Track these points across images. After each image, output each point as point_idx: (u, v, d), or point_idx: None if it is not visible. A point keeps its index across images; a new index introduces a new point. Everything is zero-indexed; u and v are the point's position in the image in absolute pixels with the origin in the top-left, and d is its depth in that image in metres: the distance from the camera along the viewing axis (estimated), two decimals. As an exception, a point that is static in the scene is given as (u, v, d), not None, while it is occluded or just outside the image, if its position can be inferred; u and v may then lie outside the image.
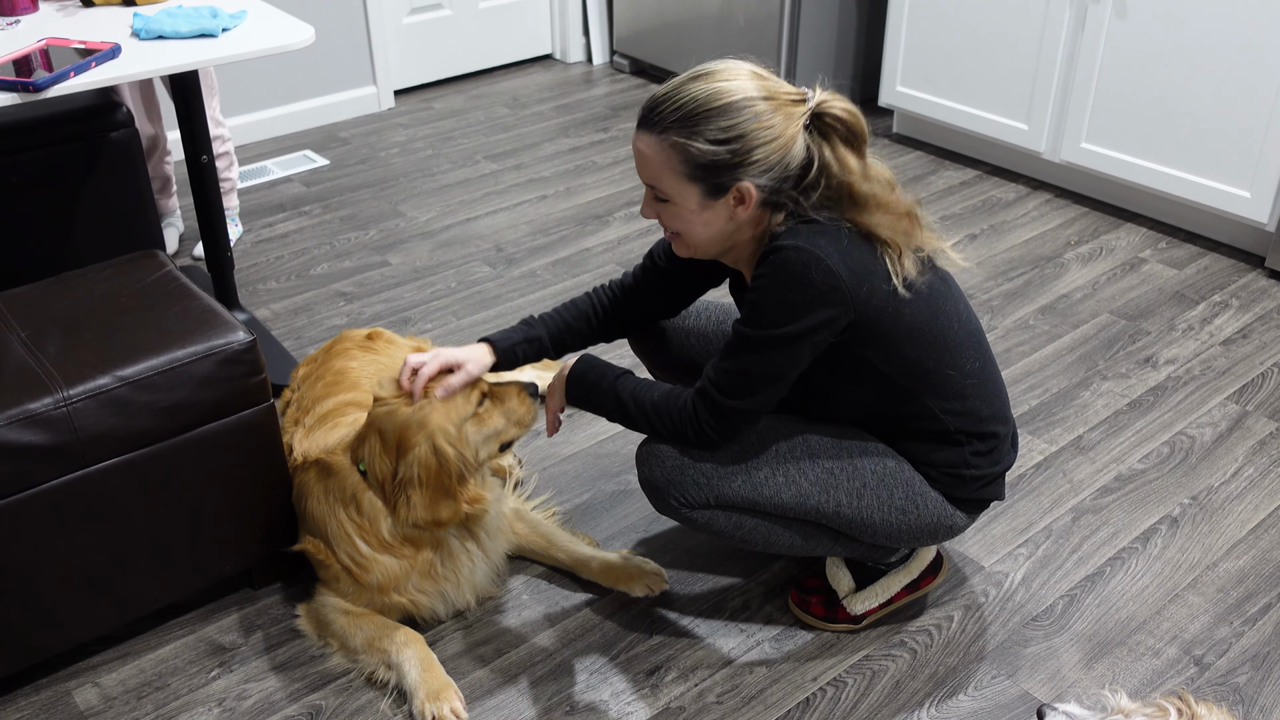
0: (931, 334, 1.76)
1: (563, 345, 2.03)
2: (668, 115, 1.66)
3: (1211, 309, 3.09)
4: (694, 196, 1.70)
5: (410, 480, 1.86)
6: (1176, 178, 3.35)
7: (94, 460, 1.83)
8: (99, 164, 2.65)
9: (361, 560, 1.95)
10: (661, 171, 1.69)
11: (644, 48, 4.82)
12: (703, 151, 1.65)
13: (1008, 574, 2.20)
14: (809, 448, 1.84)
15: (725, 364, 1.74)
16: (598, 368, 1.89)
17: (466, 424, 1.89)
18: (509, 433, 1.96)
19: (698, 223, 1.73)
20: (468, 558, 2.01)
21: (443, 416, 1.86)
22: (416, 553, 1.96)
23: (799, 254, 1.65)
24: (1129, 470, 2.48)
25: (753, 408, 1.75)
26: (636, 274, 2.06)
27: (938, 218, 3.59)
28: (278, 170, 4.05)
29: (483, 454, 1.93)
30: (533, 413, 1.98)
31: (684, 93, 1.66)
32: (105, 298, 2.04)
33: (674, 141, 1.66)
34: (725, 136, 1.64)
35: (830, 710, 1.91)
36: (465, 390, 1.90)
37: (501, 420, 1.94)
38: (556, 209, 3.73)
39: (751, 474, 1.82)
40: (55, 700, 1.94)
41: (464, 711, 1.88)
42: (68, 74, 2.06)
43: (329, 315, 3.11)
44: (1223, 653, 2.01)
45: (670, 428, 1.81)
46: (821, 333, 1.69)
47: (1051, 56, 3.52)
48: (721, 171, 1.66)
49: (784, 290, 1.66)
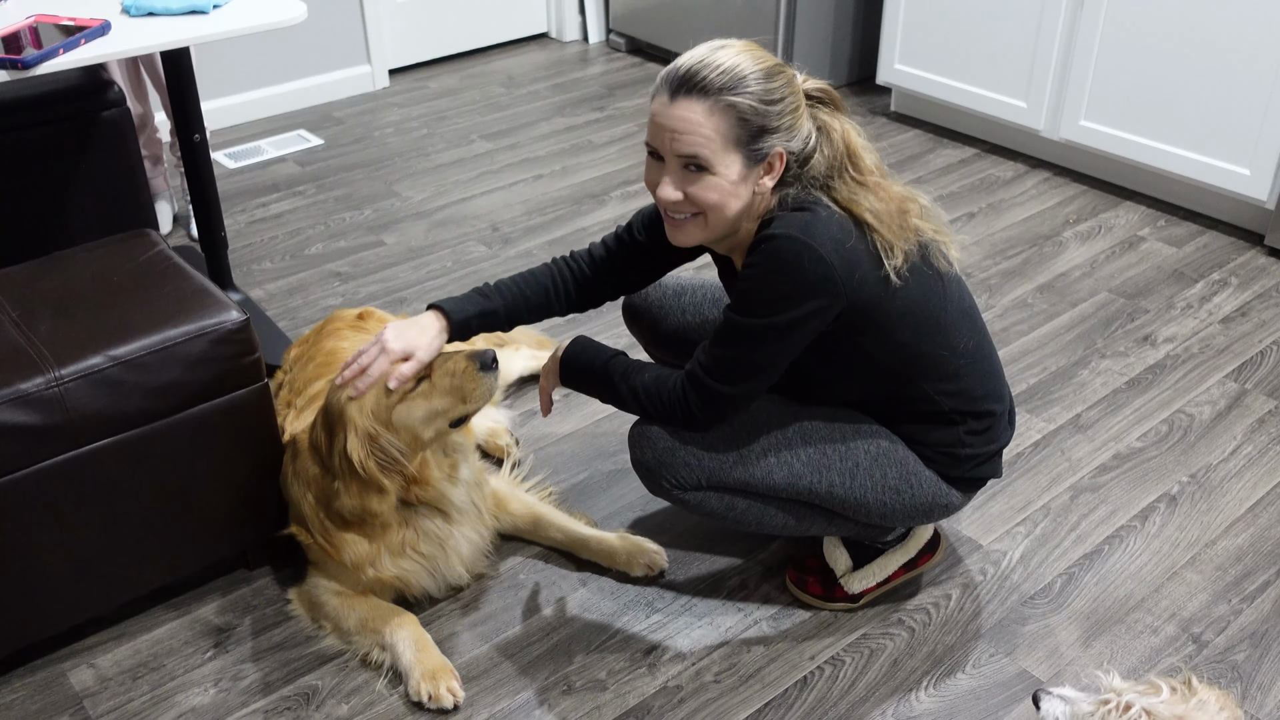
0: (924, 316, 1.75)
1: (518, 318, 1.96)
2: (714, 79, 1.61)
3: (1210, 287, 3.08)
4: (737, 165, 1.65)
5: (339, 471, 1.86)
6: (1176, 155, 3.33)
7: (86, 441, 1.82)
8: (91, 143, 2.62)
9: (333, 540, 1.94)
10: (710, 138, 1.63)
11: (641, 26, 4.78)
12: (755, 110, 1.62)
13: (1005, 552, 2.19)
14: (801, 428, 1.83)
15: (716, 350, 1.73)
16: (590, 349, 1.88)
17: (397, 408, 1.84)
18: (456, 410, 1.88)
19: (732, 196, 1.67)
20: (443, 535, 1.98)
21: (358, 410, 1.82)
22: (384, 531, 1.94)
23: (791, 244, 1.63)
24: (1127, 449, 2.47)
25: (742, 393, 1.74)
26: (609, 244, 2.00)
27: (936, 196, 3.57)
28: (272, 150, 4.02)
29: (426, 435, 1.87)
30: (482, 388, 1.87)
31: (720, 59, 1.63)
32: (97, 277, 2.03)
33: (728, 103, 1.61)
34: (772, 98, 1.63)
35: (828, 689, 1.91)
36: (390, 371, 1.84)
37: (444, 399, 1.86)
38: (552, 188, 3.71)
39: (744, 455, 1.81)
40: (50, 681, 1.94)
41: (460, 691, 1.87)
42: (57, 51, 2.04)
43: (324, 295, 3.10)
44: (1221, 630, 2.01)
45: (660, 410, 1.80)
46: (813, 322, 1.67)
47: (1051, 33, 3.49)
48: (764, 135, 1.64)
49: (776, 279, 1.65)
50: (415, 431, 1.86)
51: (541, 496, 2.29)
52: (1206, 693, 1.39)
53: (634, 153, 3.96)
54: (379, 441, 1.84)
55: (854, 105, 4.32)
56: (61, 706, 1.89)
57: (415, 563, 1.97)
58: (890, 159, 3.87)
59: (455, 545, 2.00)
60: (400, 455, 1.86)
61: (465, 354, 1.89)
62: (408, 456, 1.87)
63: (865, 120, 4.18)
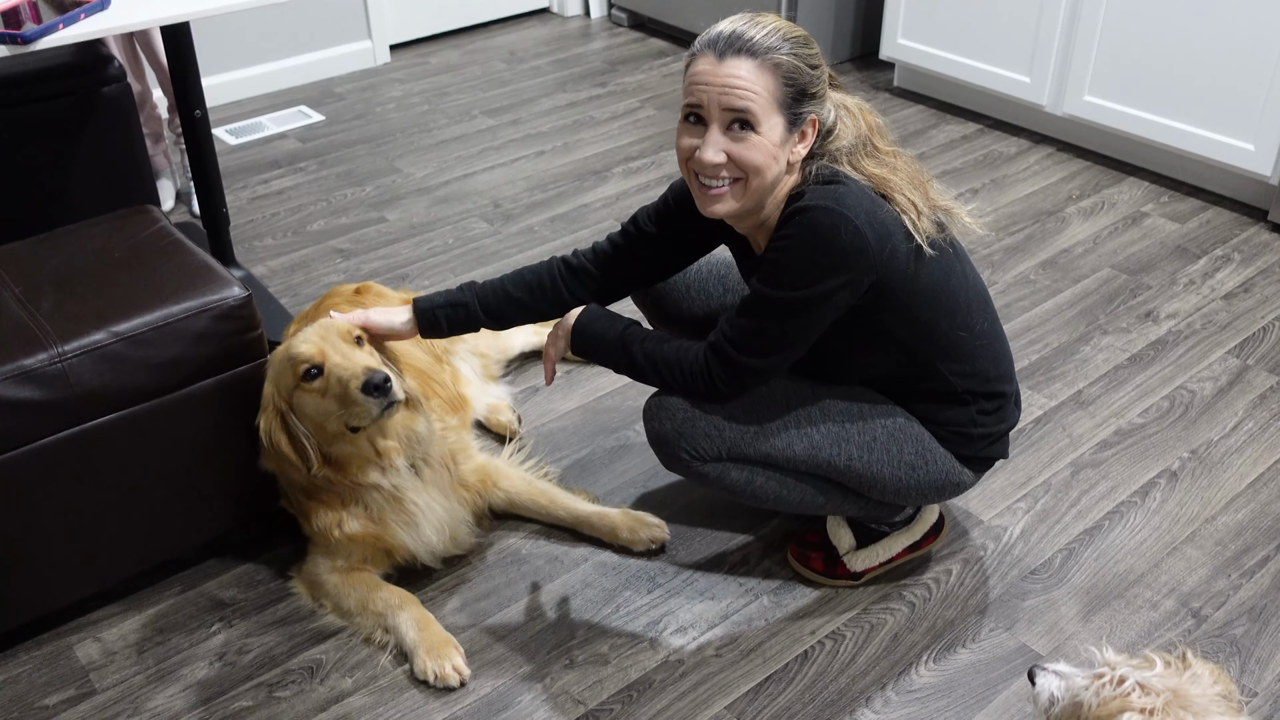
0: (945, 296, 1.76)
1: (499, 315, 1.94)
2: (761, 40, 1.64)
3: (1213, 263, 3.08)
4: (779, 127, 1.66)
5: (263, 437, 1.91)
6: (1179, 130, 3.32)
7: (89, 416, 1.82)
8: (92, 119, 2.62)
9: (303, 508, 1.98)
10: (759, 95, 1.63)
11: (643, 1, 4.75)
12: (799, 70, 1.65)
13: (1006, 528, 2.20)
14: (821, 403, 1.84)
15: (743, 321, 1.72)
16: (604, 317, 1.86)
17: (295, 393, 1.86)
18: (342, 416, 1.83)
19: (773, 160, 1.67)
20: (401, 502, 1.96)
21: (274, 387, 1.89)
22: (340, 503, 1.95)
23: (828, 215, 1.63)
24: (1128, 424, 2.47)
25: (768, 366, 1.74)
26: (615, 240, 1.98)
27: (939, 172, 3.57)
28: (273, 126, 4.01)
29: (329, 427, 1.86)
30: (361, 407, 1.80)
31: (764, 23, 1.66)
32: (99, 253, 2.03)
33: (779, 60, 1.63)
34: (814, 63, 1.68)
35: (829, 663, 1.92)
36: (291, 361, 1.85)
37: (331, 403, 1.83)
38: (554, 164, 3.70)
39: (764, 426, 1.81)
40: (57, 654, 1.95)
41: (466, 668, 1.88)
42: (56, 25, 2.03)
43: (325, 272, 3.10)
44: (1220, 605, 2.02)
45: (681, 380, 1.79)
46: (844, 294, 1.67)
47: (1055, 8, 3.47)
48: (804, 100, 1.67)
49: (811, 251, 1.65)
50: (315, 421, 1.87)
51: (541, 474, 2.30)
52: (1200, 667, 1.40)
53: (636, 129, 3.94)
54: (287, 419, 1.87)
55: (857, 81, 4.30)
56: (68, 679, 1.91)
57: (381, 524, 1.97)
58: (894, 135, 3.85)
59: (422, 509, 1.99)
60: (304, 437, 1.87)
61: (363, 366, 1.81)
62: (311, 442, 1.87)
63: (868, 95, 4.16)
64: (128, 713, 1.85)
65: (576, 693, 1.87)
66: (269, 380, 1.90)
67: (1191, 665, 1.40)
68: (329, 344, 1.85)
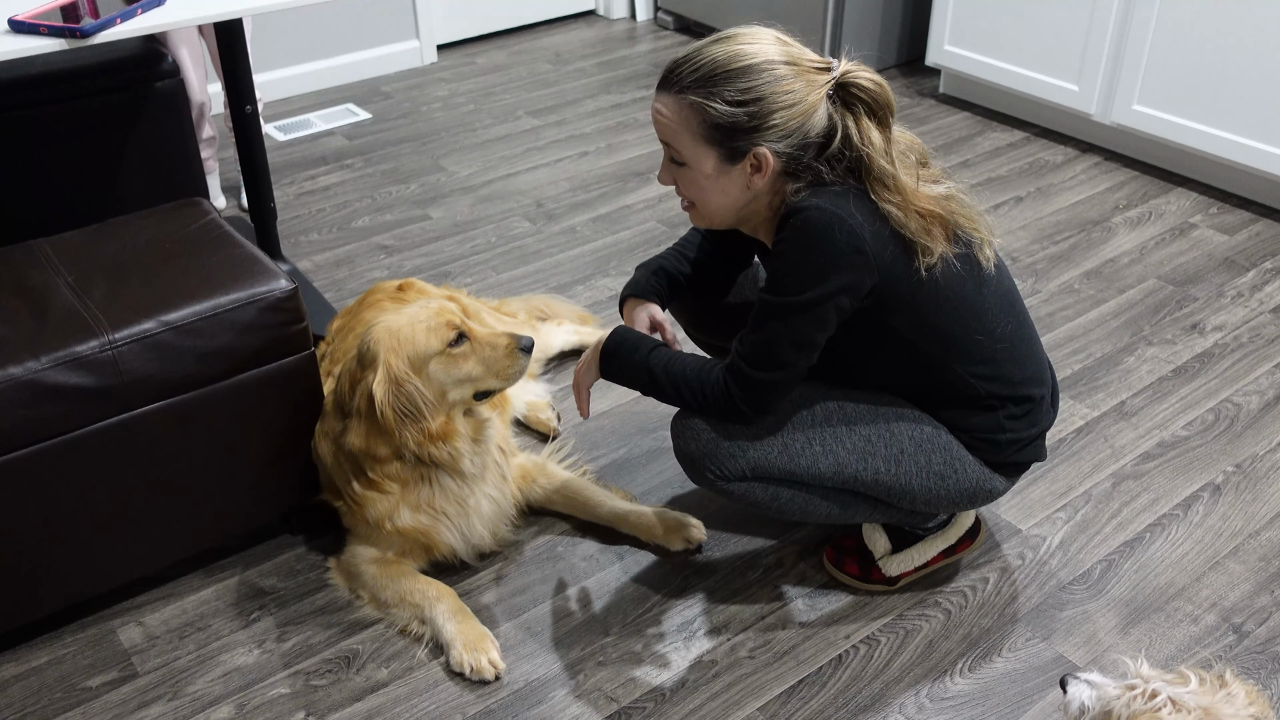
0: (959, 299, 1.74)
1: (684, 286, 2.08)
2: (686, 76, 1.66)
3: (1262, 276, 3.03)
4: (711, 160, 1.68)
5: (356, 410, 1.90)
6: (1230, 141, 3.28)
7: (137, 404, 1.85)
8: (145, 113, 2.66)
9: (356, 497, 1.98)
10: (679, 132, 1.68)
11: (689, 4, 4.76)
12: (720, 112, 1.63)
13: (1045, 538, 2.18)
14: (845, 415, 1.83)
15: (753, 335, 1.73)
16: (630, 341, 1.87)
17: (432, 361, 1.89)
18: (485, 382, 1.94)
19: (714, 190, 1.71)
20: (461, 493, 2.00)
21: (394, 354, 1.88)
22: (401, 488, 1.97)
23: (821, 214, 1.63)
24: (1172, 437, 2.44)
25: (782, 379, 1.74)
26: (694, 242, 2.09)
27: (984, 180, 3.54)
28: (320, 123, 4.06)
29: (452, 395, 1.92)
30: (515, 367, 1.94)
31: (705, 54, 1.66)
32: (150, 244, 2.06)
33: (691, 101, 1.65)
34: (744, 99, 1.63)
35: (863, 668, 1.91)
36: (436, 326, 1.90)
37: (477, 367, 1.92)
38: (597, 165, 3.72)
39: (788, 444, 1.80)
40: (100, 638, 1.99)
41: (501, 662, 1.90)
42: (114, 20, 2.07)
43: (369, 268, 3.13)
44: (1262, 621, 1.99)
45: (702, 402, 1.79)
46: (846, 295, 1.67)
47: (1105, 16, 3.44)
48: (739, 135, 1.65)
49: (807, 252, 1.65)
50: (444, 389, 1.91)
51: (580, 472, 2.31)
52: (1237, 687, 1.38)
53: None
54: (405, 388, 1.87)
55: (902, 87, 4.29)
56: (111, 661, 1.94)
57: (434, 518, 2.00)
58: (938, 141, 3.84)
59: (476, 504, 2.02)
60: (424, 406, 1.89)
61: (510, 333, 1.95)
62: (430, 411, 1.90)
63: (913, 102, 4.15)
64: (168, 696, 1.88)
65: (609, 690, 1.88)
66: (386, 350, 1.88)
67: (1228, 685, 1.39)
68: (458, 317, 1.94)
